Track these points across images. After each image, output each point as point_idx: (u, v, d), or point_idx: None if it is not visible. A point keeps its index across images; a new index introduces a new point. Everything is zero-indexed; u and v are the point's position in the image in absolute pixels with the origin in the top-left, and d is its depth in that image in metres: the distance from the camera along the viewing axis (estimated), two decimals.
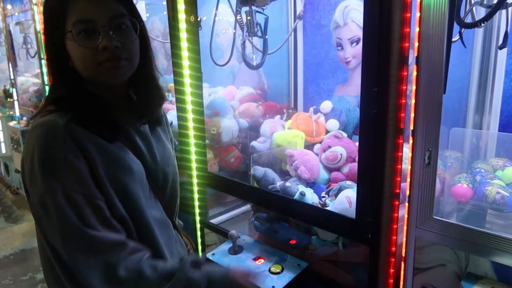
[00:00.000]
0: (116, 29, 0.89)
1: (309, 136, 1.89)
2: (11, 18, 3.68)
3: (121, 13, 0.90)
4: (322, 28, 2.05)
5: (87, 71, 0.90)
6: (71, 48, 0.88)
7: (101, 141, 0.90)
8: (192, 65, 1.64)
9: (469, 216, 1.35)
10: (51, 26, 0.90)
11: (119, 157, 0.93)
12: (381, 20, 1.01)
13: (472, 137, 1.65)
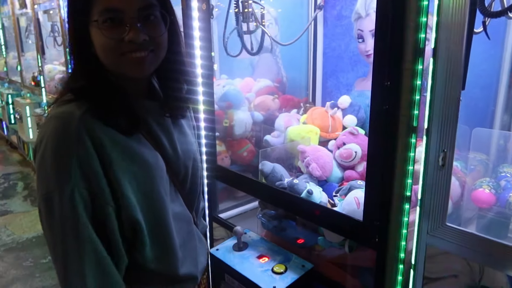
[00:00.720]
0: (144, 21, 0.84)
1: (324, 131, 1.82)
2: (39, 6, 3.75)
3: (150, 4, 0.85)
4: (343, 19, 1.96)
5: (110, 61, 0.86)
6: (95, 36, 0.84)
7: (118, 135, 0.85)
8: (204, 54, 1.59)
9: (490, 225, 1.25)
10: (76, 11, 0.85)
11: (137, 153, 0.88)
12: (394, 7, 0.93)
13: (500, 138, 1.53)
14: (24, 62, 4.74)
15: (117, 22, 0.82)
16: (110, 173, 0.82)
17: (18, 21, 4.65)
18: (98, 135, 0.81)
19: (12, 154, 6.06)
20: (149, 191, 0.89)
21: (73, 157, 0.78)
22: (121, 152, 0.84)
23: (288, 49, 2.20)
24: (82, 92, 0.85)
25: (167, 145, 0.96)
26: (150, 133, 0.93)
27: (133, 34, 0.82)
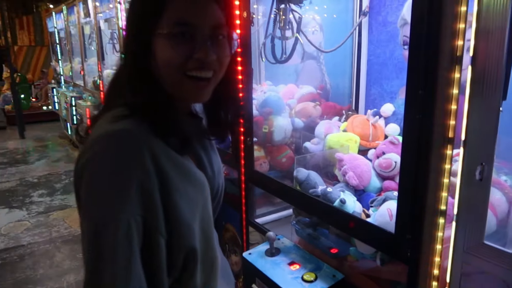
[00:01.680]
0: (214, 40, 0.79)
1: (364, 140, 1.78)
2: (101, 15, 4.02)
3: (222, 23, 0.80)
4: (388, 25, 1.91)
5: (171, 78, 0.79)
6: (161, 49, 0.77)
7: (174, 154, 0.79)
8: (243, 60, 1.63)
9: None
10: (141, 20, 0.78)
11: (191, 172, 0.84)
12: (430, 14, 0.89)
13: None
14: (87, 67, 5.09)
15: (187, 37, 0.77)
16: (168, 197, 0.76)
17: (82, 29, 5.01)
18: (158, 154, 0.75)
19: (74, 153, 6.51)
20: (202, 213, 0.83)
21: (132, 181, 0.71)
22: (179, 173, 0.79)
23: (332, 55, 2.19)
24: (142, 108, 0.78)
25: (207, 164, 0.92)
26: (194, 153, 0.90)
27: (204, 52, 0.77)
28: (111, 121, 0.76)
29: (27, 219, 4.08)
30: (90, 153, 0.73)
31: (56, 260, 3.29)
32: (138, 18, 0.79)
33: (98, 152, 0.73)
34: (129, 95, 0.80)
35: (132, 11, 0.81)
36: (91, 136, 0.76)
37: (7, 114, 8.67)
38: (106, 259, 0.69)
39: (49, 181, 5.19)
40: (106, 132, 0.74)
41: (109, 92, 0.86)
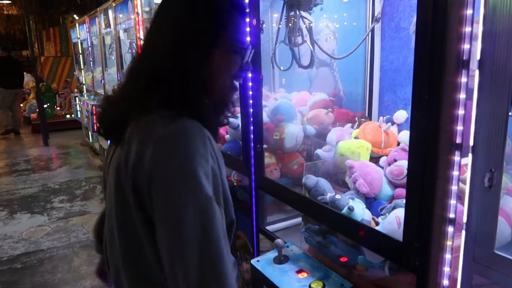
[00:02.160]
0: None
1: (376, 147, 1.75)
2: (120, 25, 4.12)
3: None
4: (401, 31, 1.88)
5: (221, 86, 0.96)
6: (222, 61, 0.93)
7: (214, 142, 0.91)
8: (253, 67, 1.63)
9: None
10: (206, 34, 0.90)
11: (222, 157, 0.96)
12: (434, 17, 0.88)
13: None
14: (107, 76, 5.22)
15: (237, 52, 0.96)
16: (221, 177, 0.89)
17: (103, 39, 5.15)
18: (214, 144, 0.89)
19: (95, 160, 6.65)
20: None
21: (209, 166, 0.83)
22: (220, 157, 0.92)
23: (345, 62, 2.17)
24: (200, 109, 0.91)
25: None
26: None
27: (248, 63, 0.99)
28: (171, 120, 0.85)
29: (48, 224, 4.18)
30: (168, 149, 0.82)
31: (74, 265, 3.35)
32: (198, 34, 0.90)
33: (178, 145, 0.82)
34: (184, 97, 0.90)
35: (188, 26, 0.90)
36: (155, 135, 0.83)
37: (33, 122, 8.96)
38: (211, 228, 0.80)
39: (70, 187, 5.31)
40: (180, 128, 0.84)
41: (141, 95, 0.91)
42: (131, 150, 0.85)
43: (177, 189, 0.81)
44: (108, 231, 1.00)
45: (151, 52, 0.94)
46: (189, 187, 0.80)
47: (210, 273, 0.79)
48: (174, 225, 0.80)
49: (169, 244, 0.81)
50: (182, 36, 0.89)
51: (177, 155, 0.82)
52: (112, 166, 0.95)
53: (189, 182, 0.80)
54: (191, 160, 0.81)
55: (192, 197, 0.80)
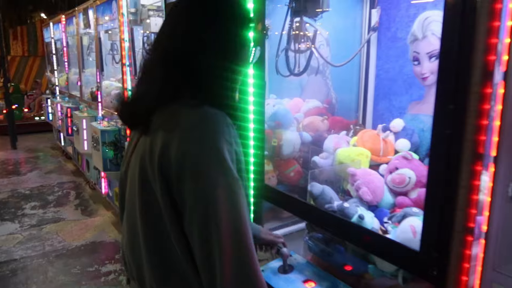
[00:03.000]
0: None
1: (375, 155, 1.76)
2: (102, 26, 4.00)
3: None
4: (398, 41, 1.91)
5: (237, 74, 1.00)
6: (239, 54, 0.98)
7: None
8: (257, 73, 1.61)
9: None
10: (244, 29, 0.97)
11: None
12: (463, 28, 0.89)
13: None
14: (84, 78, 5.04)
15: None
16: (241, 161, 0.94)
17: (81, 40, 4.98)
18: (235, 133, 0.92)
19: (67, 164, 6.41)
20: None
21: (233, 151, 0.88)
22: (238, 147, 0.94)
23: (338, 70, 2.18)
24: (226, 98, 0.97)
25: None
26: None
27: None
28: (195, 108, 0.90)
29: (20, 232, 3.97)
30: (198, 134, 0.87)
31: (49, 276, 3.19)
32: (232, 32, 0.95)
33: (205, 130, 0.87)
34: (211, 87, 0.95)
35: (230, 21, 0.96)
36: (183, 123, 0.88)
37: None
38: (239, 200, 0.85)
39: (42, 193, 5.08)
40: (208, 114, 0.89)
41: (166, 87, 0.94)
42: (156, 139, 0.89)
43: (207, 172, 0.84)
44: (127, 229, 1.01)
45: (176, 47, 0.95)
46: (219, 169, 0.84)
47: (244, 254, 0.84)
48: (206, 207, 0.83)
49: (203, 227, 0.83)
50: (209, 33, 0.93)
51: (205, 139, 0.86)
52: (135, 160, 0.97)
53: (219, 164, 0.84)
54: (219, 144, 0.85)
55: (223, 179, 0.84)
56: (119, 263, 3.38)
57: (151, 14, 2.99)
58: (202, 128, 0.87)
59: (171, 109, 0.92)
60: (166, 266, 0.93)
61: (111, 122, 3.98)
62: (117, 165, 3.85)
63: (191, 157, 0.85)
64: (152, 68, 0.98)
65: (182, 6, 0.99)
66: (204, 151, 0.85)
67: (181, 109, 0.91)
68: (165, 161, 0.86)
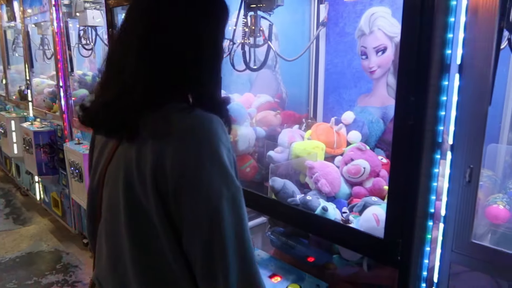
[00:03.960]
0: None
1: (329, 147, 1.81)
2: (30, 19, 3.68)
3: None
4: (346, 36, 1.97)
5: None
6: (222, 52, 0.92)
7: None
8: None
9: (504, 240, 1.25)
10: (222, 29, 0.90)
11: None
12: (422, 24, 0.93)
13: (506, 154, 1.55)
14: (10, 75, 4.62)
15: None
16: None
17: (5, 34, 4.55)
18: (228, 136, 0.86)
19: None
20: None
21: (231, 156, 0.82)
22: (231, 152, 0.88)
23: (288, 65, 2.20)
24: (218, 101, 0.90)
25: None
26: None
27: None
28: (187, 113, 0.81)
29: None
30: (194, 139, 0.78)
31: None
32: (220, 27, 0.89)
33: (202, 138, 0.78)
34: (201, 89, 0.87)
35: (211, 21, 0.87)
36: (176, 128, 0.79)
37: None
38: (242, 214, 0.80)
39: None
40: (202, 119, 0.80)
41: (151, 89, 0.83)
42: (145, 149, 0.79)
43: (209, 183, 0.77)
44: (107, 251, 0.91)
45: (161, 44, 0.83)
46: (222, 179, 0.78)
47: (248, 266, 0.81)
48: (210, 224, 0.77)
49: (207, 245, 0.77)
50: (199, 31, 0.85)
51: (203, 147, 0.78)
52: (116, 172, 0.86)
53: (220, 174, 0.78)
54: (218, 151, 0.78)
55: (226, 190, 0.78)
56: (61, 273, 3.16)
57: (87, 6, 2.79)
58: (198, 134, 0.78)
59: (159, 114, 0.81)
60: (153, 275, 0.85)
61: (44, 123, 3.69)
62: (54, 168, 3.59)
63: (189, 168, 0.77)
64: (127, 65, 0.83)
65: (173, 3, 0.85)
66: (203, 160, 0.77)
67: (171, 113, 0.81)
68: (159, 174, 0.77)
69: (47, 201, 4.05)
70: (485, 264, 0.98)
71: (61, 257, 3.41)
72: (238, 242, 0.78)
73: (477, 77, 0.91)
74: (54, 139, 3.51)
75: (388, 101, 1.84)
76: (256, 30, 1.55)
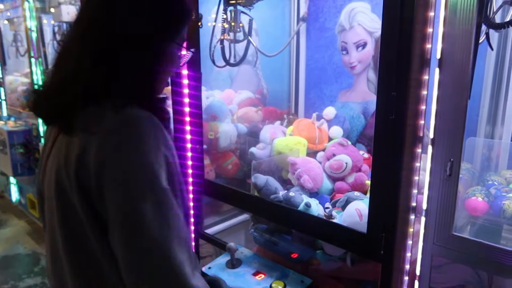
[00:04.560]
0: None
1: (311, 143, 1.81)
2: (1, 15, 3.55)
3: None
4: (327, 31, 1.97)
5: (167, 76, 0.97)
6: (171, 53, 0.91)
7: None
8: (191, 64, 1.54)
9: (482, 231, 1.27)
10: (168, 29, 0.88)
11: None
12: (402, 18, 0.93)
13: (483, 147, 1.58)
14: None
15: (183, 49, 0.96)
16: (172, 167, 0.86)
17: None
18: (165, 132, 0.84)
19: None
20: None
21: (162, 154, 0.80)
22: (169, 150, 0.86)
23: (269, 60, 2.19)
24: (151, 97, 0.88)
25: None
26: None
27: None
28: (121, 109, 0.79)
29: None
30: (119, 139, 0.77)
31: None
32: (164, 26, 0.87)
33: (129, 136, 0.77)
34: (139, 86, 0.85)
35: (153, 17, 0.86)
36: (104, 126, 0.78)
37: None
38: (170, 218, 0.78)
39: None
40: (130, 117, 0.79)
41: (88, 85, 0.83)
42: (74, 142, 0.78)
43: (130, 184, 0.76)
44: (48, 245, 0.91)
45: (104, 34, 0.84)
46: (144, 180, 0.77)
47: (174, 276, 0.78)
48: (133, 223, 0.76)
49: (129, 247, 0.76)
50: (144, 18, 0.85)
51: (127, 146, 0.77)
52: (51, 164, 0.85)
53: (143, 174, 0.77)
54: (143, 150, 0.78)
55: (149, 191, 0.76)
56: (40, 276, 3.08)
57: (61, 1, 2.71)
58: (124, 133, 0.77)
59: (94, 109, 0.81)
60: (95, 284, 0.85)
61: (19, 122, 3.58)
62: (30, 169, 3.49)
63: (109, 166, 0.76)
64: (70, 56, 0.86)
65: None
66: (125, 160, 0.76)
67: (105, 109, 0.80)
68: (83, 169, 0.77)
69: (23, 203, 3.93)
70: (465, 256, 0.99)
71: (39, 259, 3.32)
72: (162, 249, 0.76)
73: (457, 71, 0.92)
74: (30, 139, 3.41)
75: (369, 96, 1.85)
76: (236, 26, 1.53)
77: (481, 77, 1.52)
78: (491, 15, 0.95)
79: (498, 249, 0.94)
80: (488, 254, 0.95)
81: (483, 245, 0.96)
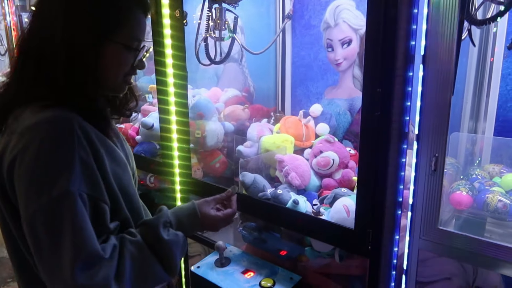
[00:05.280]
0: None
1: (298, 140, 1.81)
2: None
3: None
4: (312, 28, 1.98)
5: (113, 79, 0.93)
6: (113, 55, 0.89)
7: (100, 134, 0.88)
8: (177, 63, 1.53)
9: (467, 225, 1.29)
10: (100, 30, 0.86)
11: (115, 151, 0.93)
12: (386, 16, 0.93)
13: (467, 142, 1.61)
14: None
15: (135, 50, 0.93)
16: (102, 170, 0.85)
17: None
18: (90, 134, 0.83)
19: None
20: (130, 191, 0.96)
21: (75, 158, 0.79)
22: (106, 151, 0.88)
23: (255, 58, 2.19)
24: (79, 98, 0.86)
25: (120, 147, 1.01)
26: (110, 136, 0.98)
27: (141, 62, 0.96)
28: (41, 110, 0.81)
29: None
30: (28, 139, 0.78)
31: None
32: (94, 24, 0.86)
33: (38, 136, 0.78)
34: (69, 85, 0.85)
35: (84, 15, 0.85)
36: (21, 126, 0.80)
37: None
38: (64, 229, 0.76)
39: None
40: (44, 118, 0.80)
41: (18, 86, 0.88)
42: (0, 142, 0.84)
43: (29, 187, 0.78)
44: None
45: (38, 33, 0.87)
46: (41, 185, 0.77)
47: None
48: (28, 229, 0.78)
49: (31, 244, 0.79)
50: (75, 19, 0.85)
51: (31, 149, 0.78)
52: None
53: (42, 179, 0.77)
54: (44, 154, 0.78)
55: (44, 197, 0.76)
56: None
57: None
58: (32, 135, 0.78)
59: (22, 110, 0.84)
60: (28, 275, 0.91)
61: None
62: None
63: (18, 168, 0.78)
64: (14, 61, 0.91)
65: None
66: (28, 163, 0.77)
67: (29, 110, 0.82)
68: (1, 166, 0.82)
69: None
70: (451, 249, 1.01)
71: None
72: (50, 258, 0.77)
73: (440, 67, 0.93)
74: None
75: (355, 93, 1.86)
76: (221, 23, 1.52)
77: (463, 73, 1.54)
78: (473, 12, 0.96)
79: (483, 241, 0.96)
80: (472, 246, 0.97)
81: (468, 238, 0.98)
